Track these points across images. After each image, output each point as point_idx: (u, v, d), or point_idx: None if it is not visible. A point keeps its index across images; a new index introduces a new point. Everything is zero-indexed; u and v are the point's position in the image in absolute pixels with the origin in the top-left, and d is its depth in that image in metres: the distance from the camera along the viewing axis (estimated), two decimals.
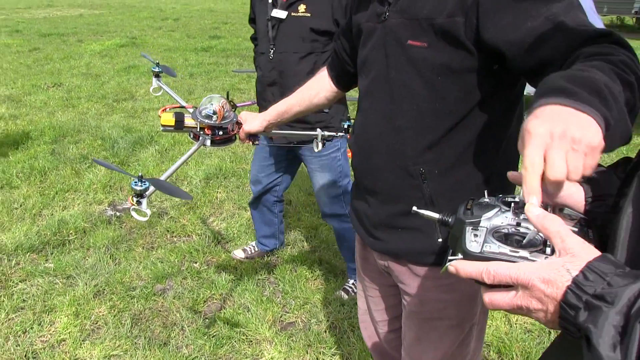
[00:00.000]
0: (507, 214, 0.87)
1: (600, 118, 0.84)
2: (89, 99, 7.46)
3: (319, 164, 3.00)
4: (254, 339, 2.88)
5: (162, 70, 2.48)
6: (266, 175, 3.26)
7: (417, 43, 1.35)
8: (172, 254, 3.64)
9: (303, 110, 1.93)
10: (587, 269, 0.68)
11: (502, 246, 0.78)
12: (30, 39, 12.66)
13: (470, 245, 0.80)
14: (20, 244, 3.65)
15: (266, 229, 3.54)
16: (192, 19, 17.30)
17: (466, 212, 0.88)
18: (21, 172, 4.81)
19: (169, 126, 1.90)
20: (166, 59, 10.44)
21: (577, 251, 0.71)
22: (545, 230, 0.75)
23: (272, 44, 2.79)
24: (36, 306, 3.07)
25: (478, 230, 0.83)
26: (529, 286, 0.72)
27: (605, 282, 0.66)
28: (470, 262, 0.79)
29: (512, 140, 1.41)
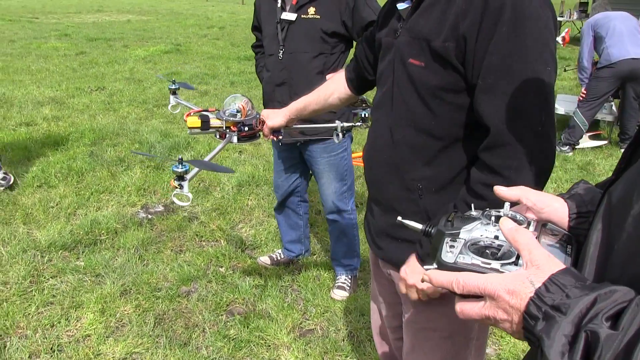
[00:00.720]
0: (487, 227, 0.89)
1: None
2: (129, 104, 7.65)
3: (327, 164, 3.08)
4: (272, 343, 2.91)
5: (180, 87, 2.55)
6: (285, 179, 3.35)
7: (416, 62, 1.42)
8: (200, 257, 3.71)
9: (318, 108, 2.03)
10: (549, 281, 0.70)
11: (475, 257, 0.80)
12: (78, 43, 13.06)
13: (445, 256, 0.83)
14: (54, 242, 3.77)
15: (292, 234, 3.59)
16: (238, 28, 17.56)
17: (447, 224, 0.90)
18: (59, 172, 4.97)
19: (195, 128, 2.01)
20: (209, 67, 10.62)
21: (542, 264, 0.73)
22: (515, 242, 0.78)
23: (282, 45, 2.87)
24: (65, 302, 3.17)
25: (456, 242, 0.86)
26: (495, 297, 0.75)
27: (564, 294, 0.68)
28: (442, 272, 0.81)
29: None
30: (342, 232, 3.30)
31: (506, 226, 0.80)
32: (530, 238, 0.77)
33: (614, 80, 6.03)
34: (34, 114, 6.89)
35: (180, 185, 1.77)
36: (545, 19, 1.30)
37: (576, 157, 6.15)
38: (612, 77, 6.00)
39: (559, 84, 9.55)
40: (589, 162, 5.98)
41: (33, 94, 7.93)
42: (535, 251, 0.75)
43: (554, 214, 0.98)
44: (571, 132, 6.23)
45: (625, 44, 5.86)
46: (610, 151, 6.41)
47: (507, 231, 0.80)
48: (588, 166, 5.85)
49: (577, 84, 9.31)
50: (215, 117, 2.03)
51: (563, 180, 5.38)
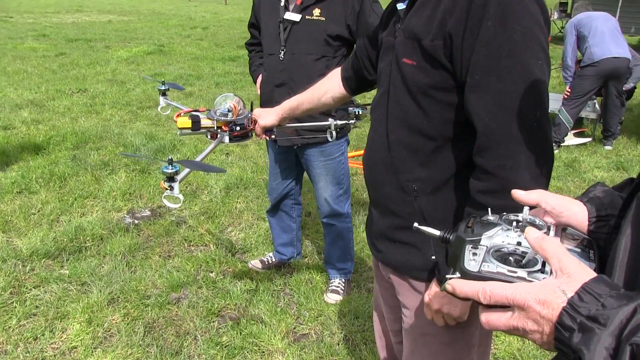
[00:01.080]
0: (508, 233, 0.86)
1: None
2: (113, 106, 7.53)
3: (324, 168, 3.04)
4: (267, 349, 2.86)
5: (169, 87, 2.51)
6: (280, 182, 3.30)
7: (409, 61, 1.41)
8: (189, 262, 3.64)
9: (312, 107, 2.02)
10: (582, 290, 0.68)
11: (501, 266, 0.77)
12: (57, 44, 12.86)
13: (469, 264, 0.79)
14: (36, 250, 3.67)
15: (284, 237, 3.53)
16: (221, 28, 17.44)
17: (467, 230, 0.86)
18: (41, 178, 4.86)
19: (186, 128, 1.98)
20: (193, 68, 10.53)
21: (573, 272, 0.71)
22: (542, 251, 0.75)
23: (284, 45, 2.82)
24: (49, 312, 3.08)
25: (478, 249, 0.82)
26: (525, 307, 0.72)
27: (599, 304, 0.65)
28: (467, 282, 0.78)
29: None
30: (337, 235, 3.26)
31: (532, 235, 0.77)
32: (558, 246, 0.75)
33: (597, 78, 6.11)
34: (12, 118, 6.74)
35: (171, 187, 1.74)
36: (534, 12, 1.27)
37: (562, 154, 6.17)
38: (595, 76, 6.08)
39: None
40: (574, 159, 6.01)
41: (10, 97, 7.77)
42: (565, 259, 0.72)
43: (573, 217, 0.96)
44: (556, 130, 6.27)
45: (607, 43, 5.97)
46: (594, 148, 6.45)
47: (533, 240, 0.77)
48: (574, 163, 5.88)
49: (560, 82, 9.37)
50: (206, 117, 2.01)
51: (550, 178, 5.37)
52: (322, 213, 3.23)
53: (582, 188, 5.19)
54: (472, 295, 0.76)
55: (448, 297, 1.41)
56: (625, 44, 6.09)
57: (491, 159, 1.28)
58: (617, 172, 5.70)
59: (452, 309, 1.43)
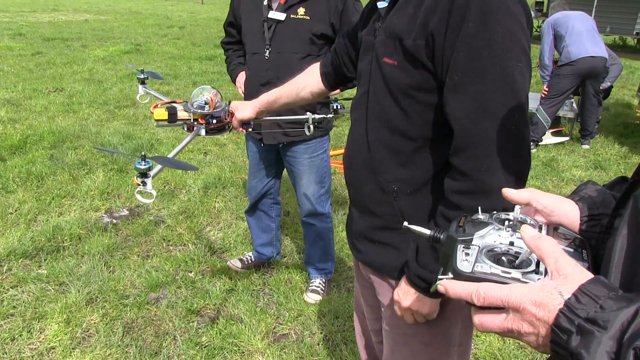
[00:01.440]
0: (500, 232, 0.85)
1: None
2: (90, 105, 7.45)
3: (307, 165, 3.04)
4: (247, 350, 2.85)
5: (148, 76, 2.48)
6: (259, 180, 3.28)
7: (390, 61, 1.40)
8: (167, 262, 3.61)
9: (290, 102, 2.01)
10: (580, 291, 0.66)
11: (494, 266, 0.76)
12: (34, 43, 12.68)
13: (462, 265, 0.77)
14: (13, 250, 3.62)
15: (263, 237, 3.51)
16: (198, 28, 17.35)
17: (458, 230, 0.85)
18: (18, 177, 4.79)
19: (162, 120, 1.97)
20: (170, 67, 10.46)
21: (570, 273, 0.69)
22: (538, 250, 0.73)
23: (269, 44, 2.81)
24: (26, 313, 3.04)
25: (470, 249, 0.81)
26: (520, 309, 0.70)
27: (597, 305, 0.64)
28: (460, 283, 0.76)
29: None
30: (318, 235, 3.26)
31: (528, 234, 0.76)
32: (555, 246, 0.73)
33: (574, 77, 6.17)
34: None
35: (144, 182, 1.73)
36: (516, 13, 1.26)
37: (540, 153, 6.24)
38: (573, 75, 6.14)
39: None
40: (552, 158, 6.08)
41: None
42: (561, 259, 0.71)
43: (564, 217, 0.95)
44: (534, 129, 6.33)
45: (584, 42, 6.01)
46: (572, 147, 6.53)
47: (529, 239, 0.75)
48: (552, 162, 5.94)
49: (537, 80, 9.47)
50: (183, 109, 2.00)
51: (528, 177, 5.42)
52: (303, 212, 3.22)
53: (560, 187, 5.26)
54: (465, 296, 0.75)
55: (417, 295, 1.41)
56: (602, 43, 6.16)
57: (467, 159, 1.27)
58: (595, 171, 5.77)
59: (421, 307, 1.43)
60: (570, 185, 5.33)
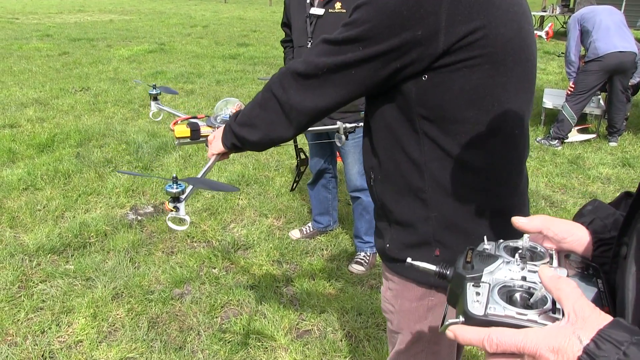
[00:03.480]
0: (511, 267, 0.81)
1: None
2: (115, 104, 7.55)
3: (352, 146, 3.34)
4: (270, 345, 2.87)
5: (161, 92, 2.36)
6: (318, 160, 3.70)
7: None
8: (192, 259, 3.65)
9: None
10: (599, 337, 0.62)
11: (508, 307, 0.72)
12: (60, 44, 12.88)
13: (473, 307, 0.73)
14: (42, 245, 3.69)
15: (320, 207, 3.92)
16: (221, 27, 17.44)
17: (466, 266, 0.80)
18: (46, 175, 4.88)
19: (184, 138, 1.84)
20: (193, 66, 10.53)
21: (588, 316, 0.65)
22: (557, 291, 0.69)
23: (311, 37, 3.07)
24: (55, 307, 3.09)
25: (480, 287, 0.76)
26: (537, 356, 0.66)
27: (620, 352, 0.60)
28: (470, 328, 0.72)
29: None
30: (364, 208, 3.52)
31: (546, 275, 0.72)
32: (575, 287, 0.69)
33: (601, 73, 6.05)
34: (18, 116, 6.77)
35: (176, 208, 1.56)
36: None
37: (565, 150, 6.16)
38: (600, 71, 6.03)
39: (545, 78, 9.58)
40: (578, 155, 6.00)
41: (16, 95, 7.80)
42: (580, 301, 0.67)
43: (577, 243, 0.91)
44: (560, 126, 6.24)
45: (612, 37, 5.89)
46: (599, 144, 6.43)
47: (547, 280, 0.71)
48: (578, 160, 5.86)
49: (562, 77, 9.36)
50: (206, 124, 1.88)
51: (554, 174, 5.38)
52: (350, 188, 3.54)
53: (587, 185, 5.19)
54: (477, 343, 0.71)
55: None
56: (631, 38, 6.01)
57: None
58: (623, 169, 5.68)
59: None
60: (597, 182, 5.25)
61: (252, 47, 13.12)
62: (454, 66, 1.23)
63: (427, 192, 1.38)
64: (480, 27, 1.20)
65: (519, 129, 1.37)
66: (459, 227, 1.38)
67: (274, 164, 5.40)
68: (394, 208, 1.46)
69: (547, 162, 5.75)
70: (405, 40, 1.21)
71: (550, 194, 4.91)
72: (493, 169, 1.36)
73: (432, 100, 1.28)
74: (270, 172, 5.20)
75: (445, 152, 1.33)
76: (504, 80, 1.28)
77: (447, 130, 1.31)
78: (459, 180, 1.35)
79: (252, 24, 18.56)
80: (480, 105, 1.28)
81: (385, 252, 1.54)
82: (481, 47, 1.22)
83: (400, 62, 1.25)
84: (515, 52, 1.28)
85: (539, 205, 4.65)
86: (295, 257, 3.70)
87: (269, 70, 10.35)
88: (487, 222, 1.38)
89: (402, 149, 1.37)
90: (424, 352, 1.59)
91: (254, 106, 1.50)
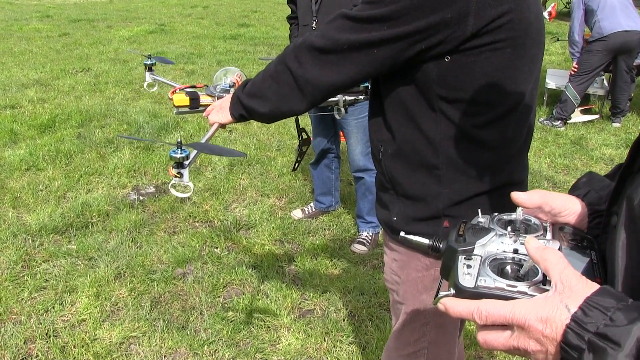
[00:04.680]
0: (503, 239, 0.81)
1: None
2: (116, 84, 7.51)
3: (355, 126, 3.34)
4: (272, 325, 2.87)
5: (156, 62, 2.32)
6: (321, 139, 3.69)
7: None
8: (194, 238, 3.65)
9: None
10: (586, 304, 0.62)
11: (498, 280, 0.72)
12: (60, 24, 12.78)
13: (464, 279, 0.73)
14: (45, 225, 3.70)
15: (323, 187, 3.92)
16: (222, 7, 17.29)
17: (458, 239, 0.80)
18: (47, 155, 4.87)
19: (183, 107, 1.82)
20: (194, 46, 10.46)
21: (575, 284, 0.66)
22: (544, 262, 0.70)
23: (315, 16, 3.06)
24: (58, 286, 3.10)
25: (472, 260, 0.76)
26: (525, 326, 0.66)
27: (607, 318, 0.60)
28: (460, 301, 0.72)
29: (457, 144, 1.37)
30: (367, 189, 3.52)
31: (532, 245, 0.72)
32: (560, 257, 0.69)
33: (606, 53, 6.00)
34: (19, 97, 6.74)
35: (180, 174, 1.55)
36: None
37: (568, 131, 6.13)
38: (604, 50, 5.97)
39: (547, 58, 9.51)
40: (581, 136, 5.97)
41: (17, 76, 7.75)
42: (566, 271, 0.67)
43: (572, 216, 0.92)
44: (563, 107, 6.20)
45: (617, 16, 5.82)
46: (602, 125, 6.40)
47: (533, 250, 0.71)
48: (581, 140, 5.84)
49: (566, 58, 9.29)
50: (205, 93, 1.86)
51: (557, 155, 5.36)
52: (353, 168, 3.56)
53: (590, 166, 5.17)
54: (466, 315, 0.71)
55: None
56: (637, 17, 5.91)
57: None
58: (626, 150, 5.62)
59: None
60: (600, 163, 5.23)
61: (253, 27, 13.01)
62: (479, 49, 1.22)
63: (441, 169, 1.38)
64: (508, 11, 1.20)
65: (528, 108, 1.39)
66: (470, 201, 1.40)
67: (276, 144, 5.39)
68: (404, 181, 1.45)
69: (550, 143, 5.73)
70: (434, 22, 1.19)
71: (553, 174, 4.89)
72: (506, 147, 1.38)
73: (452, 82, 1.28)
74: (272, 152, 5.19)
75: (460, 132, 1.33)
76: (522, 63, 1.29)
77: (465, 111, 1.31)
78: (473, 158, 1.36)
79: (253, 4, 18.40)
80: (499, 88, 1.28)
81: (392, 224, 1.53)
82: (507, 31, 1.22)
83: (426, 44, 1.23)
84: (533, 35, 1.29)
85: (542, 185, 4.64)
86: (297, 237, 3.70)
87: (270, 50, 10.29)
88: (496, 194, 1.40)
89: (416, 125, 1.37)
90: (430, 325, 1.60)
91: (266, 78, 1.48)
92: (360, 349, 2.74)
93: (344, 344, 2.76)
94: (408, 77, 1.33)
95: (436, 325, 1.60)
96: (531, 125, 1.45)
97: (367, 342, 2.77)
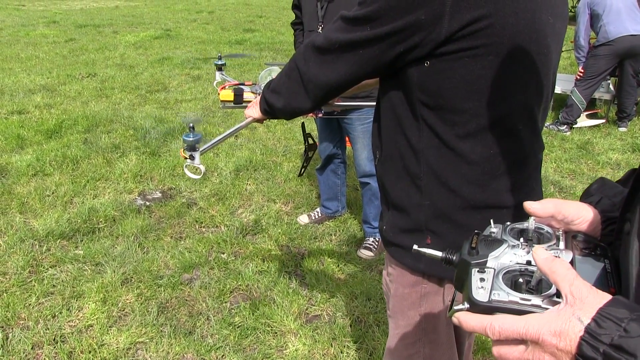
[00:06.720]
0: (516, 251, 0.80)
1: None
2: (122, 90, 7.54)
3: (361, 131, 3.34)
4: (279, 330, 2.87)
5: (225, 63, 2.53)
6: (327, 145, 3.70)
7: None
8: (200, 244, 3.65)
9: (362, 86, 1.99)
10: (599, 315, 0.62)
11: (512, 293, 0.72)
12: (67, 30, 12.86)
13: (477, 294, 0.73)
14: (51, 231, 3.71)
15: (329, 192, 3.93)
16: (227, 12, 17.37)
17: (471, 252, 0.80)
18: (54, 160, 4.89)
19: (228, 101, 1.99)
20: (200, 51, 10.51)
21: (586, 296, 0.65)
22: (552, 274, 0.69)
23: (321, 22, 3.08)
24: (65, 292, 3.11)
25: (485, 273, 0.76)
26: (540, 341, 0.66)
27: (621, 329, 0.60)
28: (474, 316, 0.72)
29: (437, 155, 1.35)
30: (373, 194, 3.52)
31: (540, 256, 0.72)
32: (569, 269, 0.69)
33: (612, 57, 5.99)
34: (26, 102, 6.78)
35: (192, 157, 1.68)
36: None
37: (574, 136, 6.12)
38: (610, 55, 5.96)
39: None
40: (587, 141, 5.96)
41: (23, 82, 7.80)
42: (576, 282, 0.67)
43: (585, 224, 0.90)
44: (569, 111, 6.19)
45: (623, 20, 5.81)
46: (608, 130, 6.38)
47: (541, 262, 0.71)
48: (587, 145, 5.82)
49: (571, 62, 9.27)
50: (250, 90, 2.01)
51: (563, 160, 5.34)
52: (359, 173, 3.55)
53: (596, 171, 5.16)
54: (479, 330, 0.71)
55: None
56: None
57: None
58: (633, 155, 5.63)
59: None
60: (606, 168, 5.21)
61: (259, 32, 13.05)
62: (456, 54, 1.19)
63: (422, 179, 1.36)
64: (486, 16, 1.15)
65: (523, 124, 1.31)
66: (451, 218, 1.36)
67: (282, 149, 5.39)
68: (392, 190, 1.46)
69: (556, 148, 5.71)
70: (409, 24, 1.19)
71: (559, 179, 4.88)
72: (489, 163, 1.31)
73: (432, 87, 1.26)
74: (278, 157, 5.19)
75: (441, 141, 1.30)
76: (510, 73, 1.23)
77: (445, 119, 1.28)
78: (453, 170, 1.32)
79: (258, 9, 18.47)
80: (481, 97, 1.24)
81: (383, 233, 1.55)
82: (486, 37, 1.17)
83: (403, 46, 1.23)
84: (525, 44, 1.21)
85: (548, 190, 4.63)
86: (304, 243, 3.70)
87: (275, 56, 10.31)
88: (481, 215, 1.34)
89: (402, 132, 1.37)
90: (421, 341, 1.57)
91: (282, 74, 1.55)
92: (368, 354, 2.73)
93: (351, 349, 2.76)
94: (396, 82, 1.34)
95: (429, 341, 1.57)
96: (530, 144, 1.37)
97: (374, 347, 2.76)
